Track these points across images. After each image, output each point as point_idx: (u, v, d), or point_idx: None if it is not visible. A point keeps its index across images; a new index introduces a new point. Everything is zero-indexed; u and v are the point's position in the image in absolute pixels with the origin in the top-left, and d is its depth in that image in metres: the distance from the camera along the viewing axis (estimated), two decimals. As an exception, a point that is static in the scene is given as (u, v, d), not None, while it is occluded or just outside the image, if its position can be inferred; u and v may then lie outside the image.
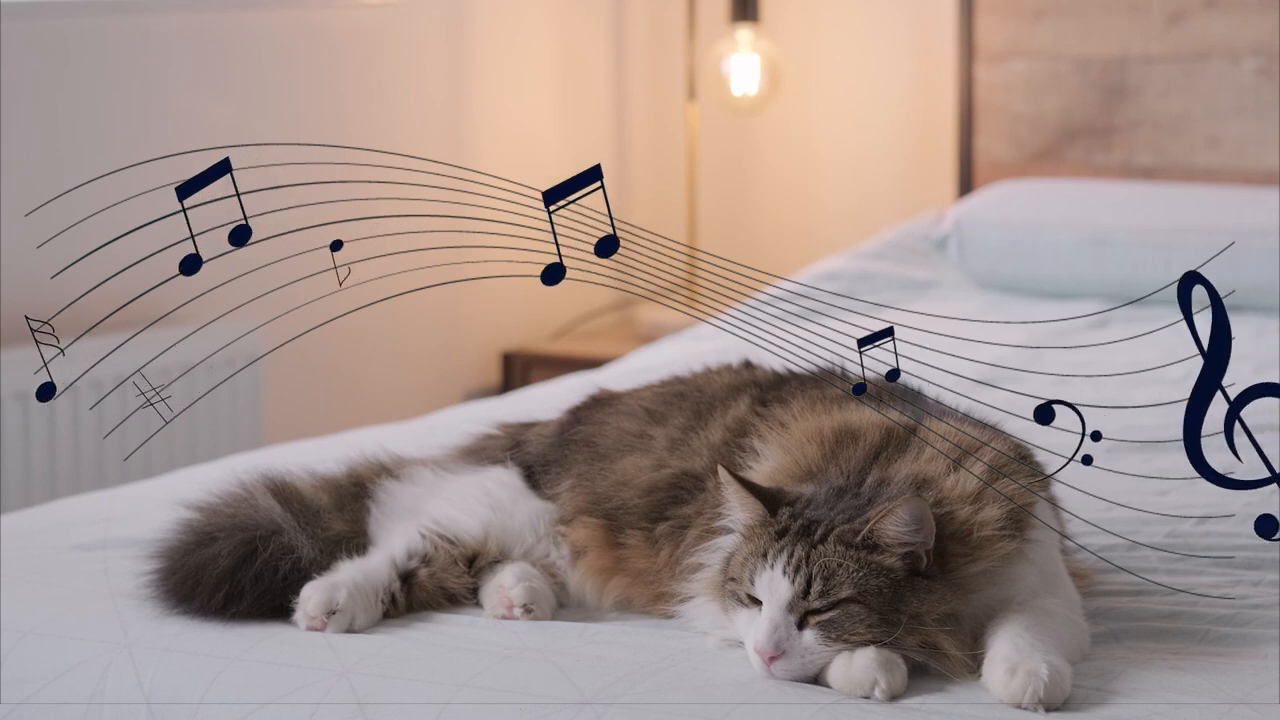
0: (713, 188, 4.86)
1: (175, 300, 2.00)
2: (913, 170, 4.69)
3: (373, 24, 4.26)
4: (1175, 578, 2.16)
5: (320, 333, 2.19)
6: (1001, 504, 1.86)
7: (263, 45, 4.02)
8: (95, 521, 2.39)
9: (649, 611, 2.04)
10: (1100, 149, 4.32)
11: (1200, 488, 2.55)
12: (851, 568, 1.82)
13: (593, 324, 4.79)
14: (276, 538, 2.05)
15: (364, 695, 1.88)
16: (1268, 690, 1.82)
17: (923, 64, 4.65)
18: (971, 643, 1.84)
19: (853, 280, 3.95)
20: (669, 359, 3.28)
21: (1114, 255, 3.84)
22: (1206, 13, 4.19)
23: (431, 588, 2.06)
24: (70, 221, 1.98)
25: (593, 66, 4.84)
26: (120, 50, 3.74)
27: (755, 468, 2.01)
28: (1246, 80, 4.17)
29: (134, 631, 2.01)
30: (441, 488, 2.17)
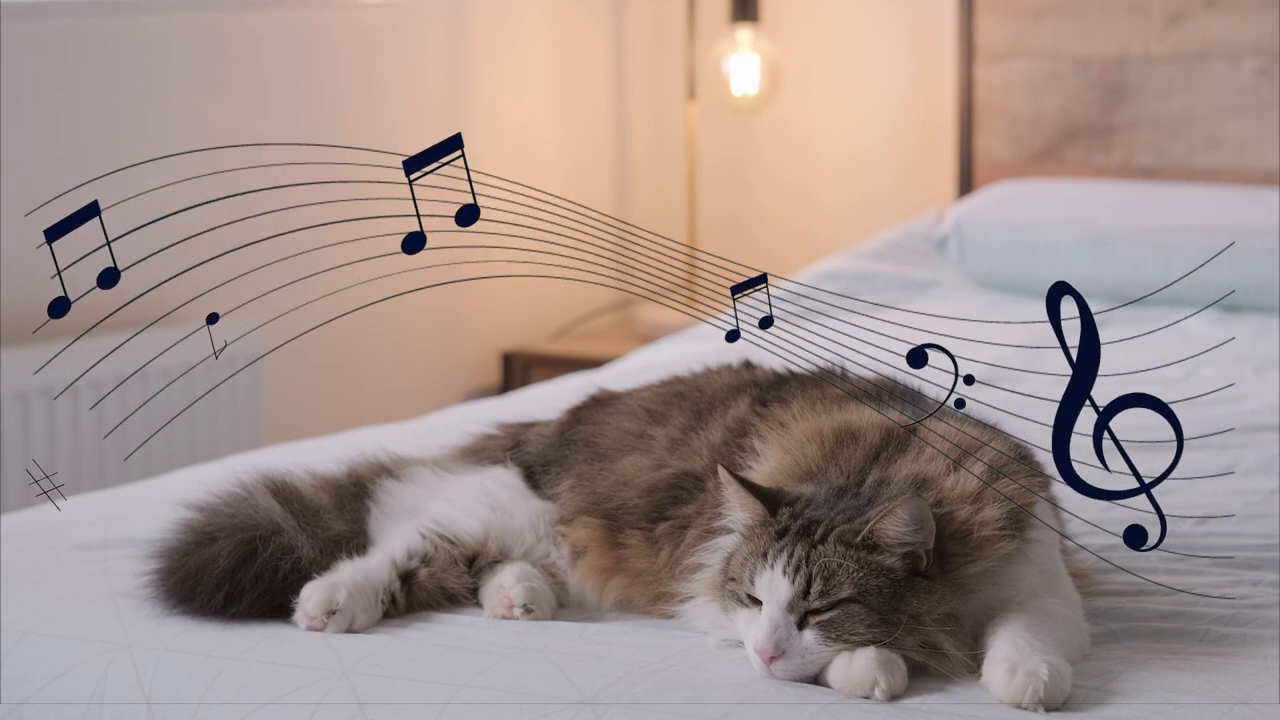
0: (713, 188, 4.86)
1: (175, 300, 2.00)
2: (913, 170, 4.69)
3: (373, 24, 4.26)
4: (1175, 578, 2.16)
5: (320, 333, 2.19)
6: (1001, 504, 1.86)
7: (263, 45, 4.02)
8: (95, 521, 2.39)
9: (649, 611, 2.04)
10: (1100, 149, 4.32)
11: (1200, 487, 2.56)
12: (851, 568, 1.82)
13: (593, 324, 4.79)
14: (276, 538, 2.05)
15: (364, 695, 1.88)
16: (1268, 690, 1.82)
17: (923, 64, 4.65)
18: (971, 643, 1.84)
19: (853, 280, 3.95)
20: (669, 359, 3.28)
21: (1114, 255, 3.84)
22: (1206, 13, 4.19)
23: (431, 588, 2.06)
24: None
25: (593, 66, 4.84)
26: (120, 50, 3.74)
27: (755, 468, 2.01)
28: (1246, 80, 4.17)
29: (134, 631, 2.01)
30: (441, 488, 2.17)
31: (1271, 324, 3.58)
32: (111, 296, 1.90)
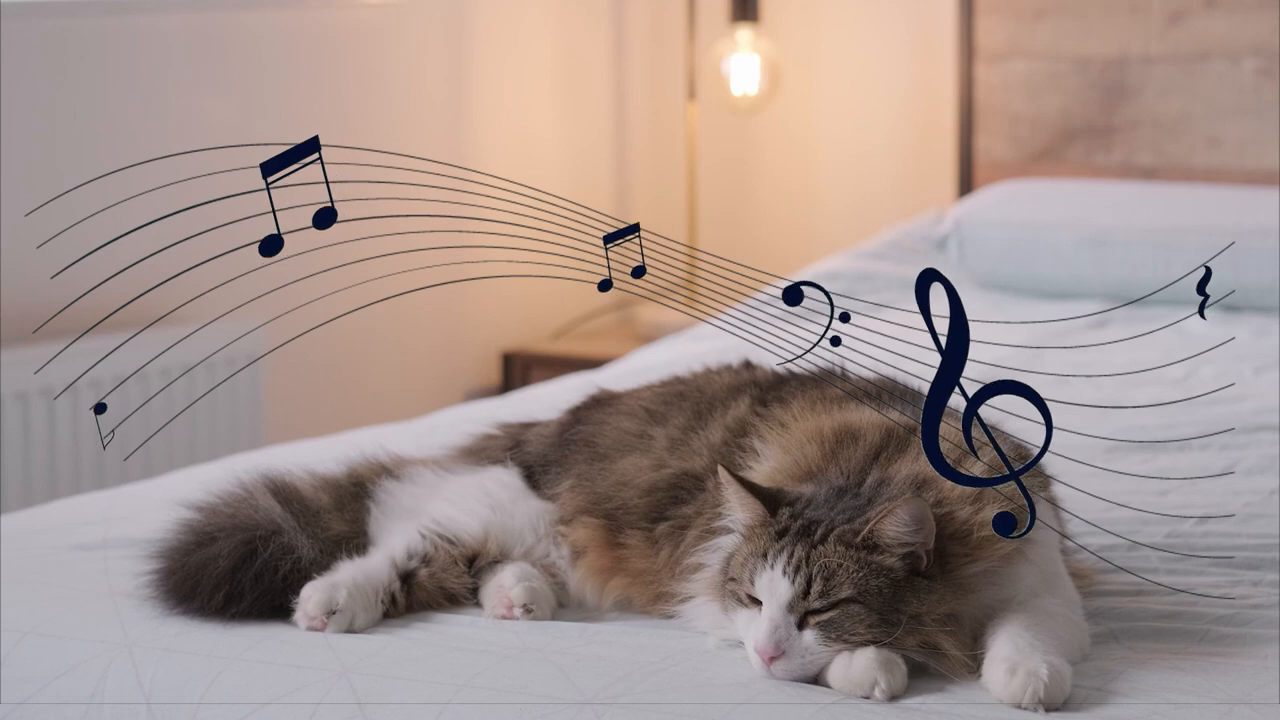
0: (713, 188, 4.87)
1: (175, 300, 2.00)
2: (913, 170, 4.69)
3: (373, 24, 4.26)
4: (1175, 578, 2.16)
5: (320, 333, 2.19)
6: (1001, 504, 1.86)
7: (263, 45, 4.02)
8: (95, 521, 2.39)
9: (649, 611, 2.04)
10: (1100, 149, 4.32)
11: (1200, 487, 2.57)
12: (851, 568, 1.82)
13: (593, 324, 4.79)
14: (276, 538, 2.05)
15: (364, 695, 1.88)
16: (1268, 690, 1.82)
17: (923, 64, 4.65)
18: (971, 643, 1.84)
19: (853, 280, 3.95)
20: (669, 359, 3.28)
21: (1114, 255, 3.84)
22: (1206, 13, 4.19)
23: (431, 588, 2.06)
24: (70, 221, 1.98)
25: (593, 66, 4.84)
26: (120, 50, 3.74)
27: (755, 468, 2.01)
28: (1246, 80, 4.17)
29: (134, 631, 2.01)
30: (441, 488, 2.17)
31: (1271, 324, 3.58)
32: (111, 296, 1.90)
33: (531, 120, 4.69)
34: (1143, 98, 4.27)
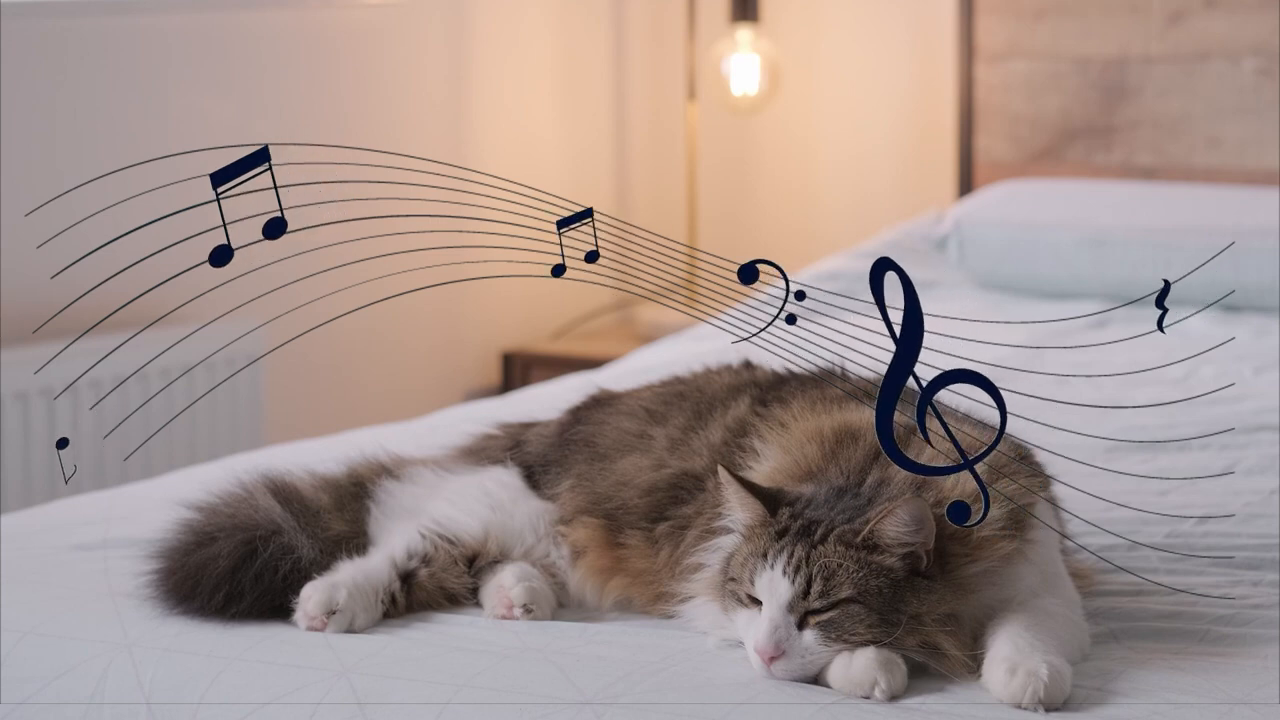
0: (713, 188, 4.87)
1: (175, 300, 2.00)
2: (913, 170, 4.69)
3: (373, 24, 4.26)
4: (1175, 578, 2.16)
5: (320, 333, 2.19)
6: (1001, 504, 1.86)
7: (263, 45, 4.02)
8: (95, 521, 2.39)
9: (649, 611, 2.04)
10: (1100, 149, 4.32)
11: (1200, 487, 2.57)
12: (851, 568, 1.82)
13: (593, 324, 4.79)
14: (276, 538, 2.05)
15: (364, 695, 1.88)
16: (1268, 690, 1.82)
17: (923, 64, 4.65)
18: (971, 643, 1.84)
19: (853, 280, 3.95)
20: (669, 359, 3.28)
21: (1114, 255, 3.84)
22: (1206, 13, 4.19)
23: (431, 588, 2.06)
24: (70, 221, 1.98)
25: (593, 66, 4.84)
26: (120, 50, 3.74)
27: (755, 468, 2.01)
28: (1246, 80, 4.17)
29: (134, 631, 2.01)
30: (441, 488, 2.17)
31: (1271, 324, 3.58)
32: (111, 296, 1.90)
33: (531, 120, 4.69)
34: (1143, 98, 4.27)
